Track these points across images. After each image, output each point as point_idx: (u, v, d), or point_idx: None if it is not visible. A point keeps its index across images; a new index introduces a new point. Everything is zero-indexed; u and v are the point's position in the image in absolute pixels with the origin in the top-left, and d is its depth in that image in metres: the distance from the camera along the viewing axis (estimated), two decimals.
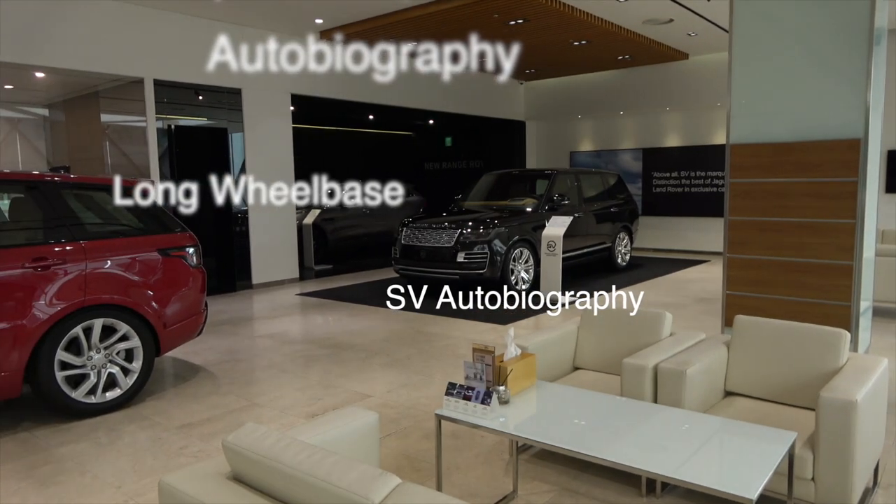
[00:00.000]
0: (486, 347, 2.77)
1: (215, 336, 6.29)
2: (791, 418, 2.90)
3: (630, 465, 2.21)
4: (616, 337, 3.54)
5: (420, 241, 7.97)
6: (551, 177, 8.90)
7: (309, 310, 7.61)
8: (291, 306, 7.85)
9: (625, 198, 10.32)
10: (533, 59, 11.42)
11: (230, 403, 4.38)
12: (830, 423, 2.54)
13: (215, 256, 9.06)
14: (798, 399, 3.03)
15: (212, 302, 8.09)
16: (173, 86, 8.06)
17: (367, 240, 12.34)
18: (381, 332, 6.32)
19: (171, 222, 4.79)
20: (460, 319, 6.81)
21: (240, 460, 1.82)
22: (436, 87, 11.61)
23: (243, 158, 8.83)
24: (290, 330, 6.61)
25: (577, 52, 10.69)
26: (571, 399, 2.86)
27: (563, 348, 3.62)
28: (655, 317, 3.46)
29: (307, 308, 7.72)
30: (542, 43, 9.97)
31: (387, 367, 5.16)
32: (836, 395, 2.56)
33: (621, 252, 9.99)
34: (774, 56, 4.42)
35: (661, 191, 12.35)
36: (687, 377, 2.88)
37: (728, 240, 4.68)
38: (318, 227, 11.16)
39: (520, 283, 7.91)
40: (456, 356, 5.41)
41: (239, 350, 5.78)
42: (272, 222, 9.13)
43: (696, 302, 7.54)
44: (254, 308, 7.86)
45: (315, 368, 5.17)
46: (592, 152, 13.28)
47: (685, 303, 7.51)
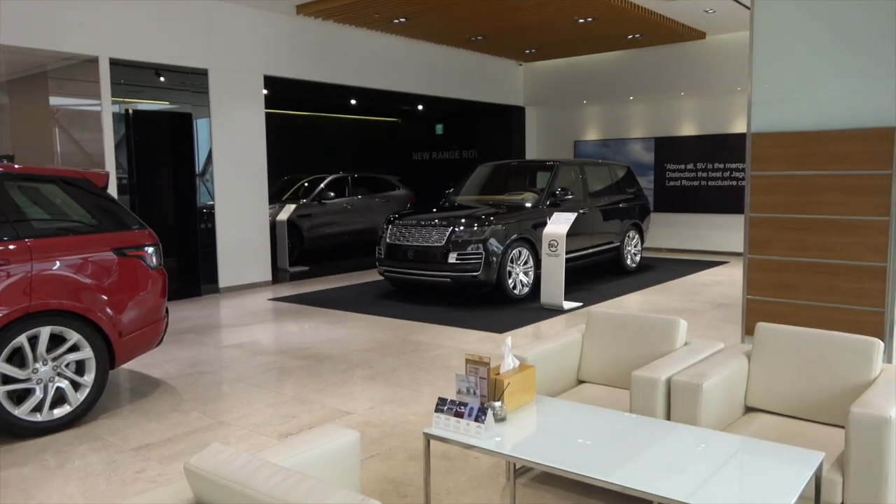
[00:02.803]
0: (481, 358, 2.77)
1: (177, 346, 6.26)
2: (818, 437, 2.91)
3: (640, 489, 2.21)
4: (625, 347, 3.54)
5: (407, 240, 7.97)
6: (553, 168, 8.93)
7: (283, 316, 7.58)
8: (263, 312, 7.82)
9: (635, 192, 10.36)
10: (533, 38, 11.44)
11: (193, 421, 4.36)
12: (862, 442, 2.55)
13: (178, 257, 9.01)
14: (826, 415, 3.05)
15: (174, 307, 8.05)
16: (131, 65, 8.01)
17: (348, 238, 12.32)
18: (363, 342, 6.31)
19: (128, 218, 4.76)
20: (452, 327, 6.80)
21: (204, 485, 1.80)
22: (425, 69, 11.61)
23: (209, 147, 8.79)
24: (261, 339, 6.59)
25: (582, 31, 10.72)
26: (575, 416, 2.86)
27: (565, 359, 3.62)
28: (668, 324, 3.47)
29: (281, 314, 7.70)
30: (543, 20, 9.99)
31: (369, 380, 5.15)
32: (867, 411, 2.57)
33: (631, 252, 10.03)
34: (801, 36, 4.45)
35: (674, 184, 12.41)
36: (703, 391, 2.89)
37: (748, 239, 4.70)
38: (294, 224, 11.13)
39: (518, 287, 7.93)
40: (447, 368, 5.41)
41: (204, 362, 5.76)
42: (242, 219, 9.10)
43: (714, 308, 7.58)
44: (221, 314, 7.82)
45: (289, 382, 5.15)
46: (599, 142, 13.32)
47: (701, 309, 7.54)
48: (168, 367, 5.60)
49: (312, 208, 11.63)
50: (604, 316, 3.70)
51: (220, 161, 8.86)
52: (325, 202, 11.78)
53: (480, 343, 6.19)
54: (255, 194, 9.25)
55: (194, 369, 5.52)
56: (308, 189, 11.98)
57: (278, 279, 9.94)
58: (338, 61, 10.19)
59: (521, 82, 13.71)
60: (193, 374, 5.38)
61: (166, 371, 5.48)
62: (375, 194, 12.86)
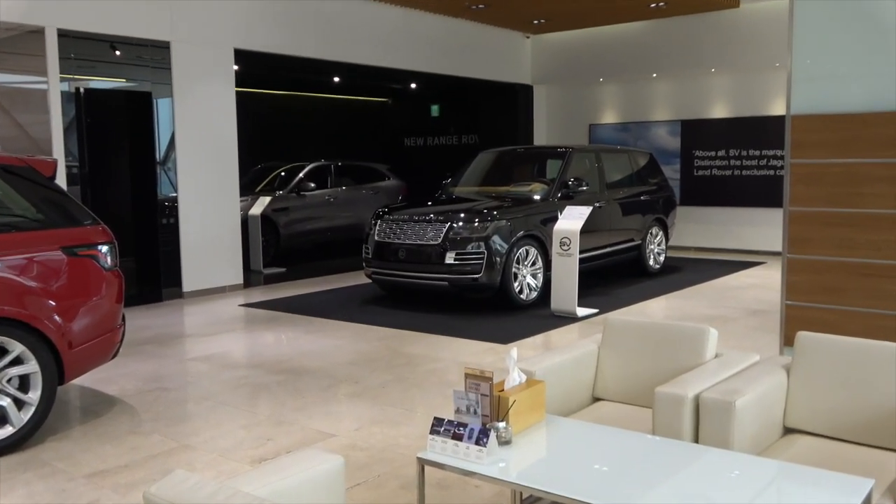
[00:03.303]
0: (482, 373, 2.77)
1: (136, 359, 6.25)
2: (867, 461, 2.91)
3: None
4: (647, 359, 3.54)
5: (398, 238, 7.97)
6: (566, 156, 8.94)
7: (256, 325, 7.57)
8: (234, 320, 7.81)
9: (658, 183, 10.36)
10: (542, 6, 11.43)
11: (154, 445, 4.35)
12: None
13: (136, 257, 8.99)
14: (876, 437, 3.05)
15: (131, 315, 8.03)
16: (82, 37, 7.99)
17: (331, 236, 12.32)
18: (348, 354, 6.31)
19: (79, 213, 4.75)
20: (449, 337, 6.80)
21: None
22: (419, 42, 11.61)
23: (172, 131, 8.78)
24: (231, 351, 6.58)
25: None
26: (590, 438, 2.85)
27: (579, 374, 3.62)
28: (697, 334, 3.47)
29: (254, 323, 7.69)
30: None
31: (355, 398, 5.15)
32: None
33: (654, 252, 10.05)
34: (848, 4, 4.44)
35: (703, 174, 12.43)
36: (736, 410, 2.89)
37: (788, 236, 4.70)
38: (269, 219, 11.13)
39: (525, 292, 7.93)
40: (443, 384, 5.41)
41: (166, 377, 5.75)
42: (209, 213, 9.09)
43: (748, 315, 7.59)
44: (185, 323, 7.80)
45: (264, 400, 5.15)
46: (618, 125, 13.33)
47: (734, 316, 7.56)
48: (125, 382, 5.59)
49: (290, 201, 11.63)
50: (623, 324, 3.70)
51: (185, 147, 8.84)
52: (305, 194, 11.78)
53: (482, 355, 6.19)
54: (224, 185, 9.24)
55: (155, 385, 5.52)
56: (285, 179, 11.97)
57: (251, 282, 9.92)
58: (319, 33, 10.18)
59: (528, 57, 13.72)
60: (154, 391, 5.37)
61: (123, 387, 5.47)
62: (362, 185, 12.86)
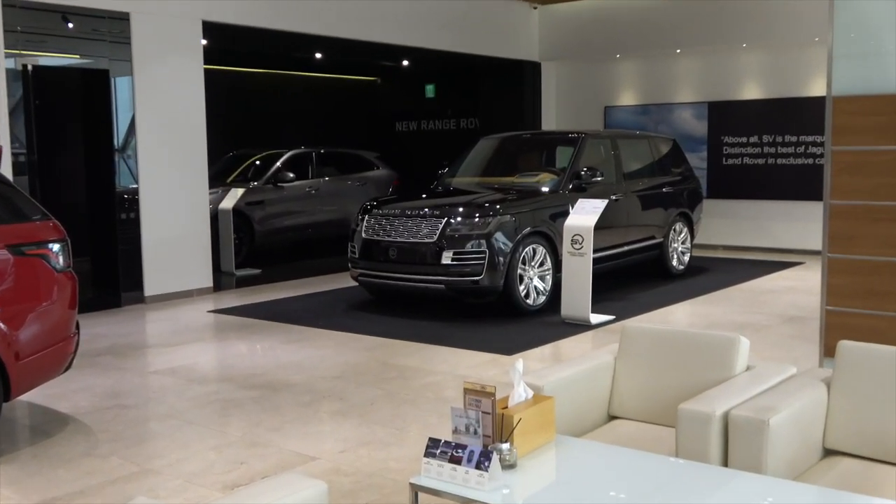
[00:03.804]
0: (484, 388, 2.77)
1: (91, 372, 6.24)
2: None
3: None
4: (669, 372, 3.55)
5: (389, 235, 7.97)
6: (577, 142, 8.94)
7: (227, 334, 7.57)
8: (202, 329, 7.80)
9: (682, 173, 10.37)
10: None
11: (113, 469, 4.35)
12: None
13: (91, 256, 8.98)
14: None
15: (86, 322, 8.02)
16: (30, 7, 7.98)
17: (313, 233, 12.30)
18: (332, 366, 6.31)
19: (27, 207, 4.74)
20: (446, 347, 6.80)
21: None
22: (412, 14, 11.61)
23: (132, 114, 8.77)
24: (199, 363, 6.57)
25: None
26: (606, 461, 2.86)
27: (593, 389, 3.62)
28: (726, 343, 3.48)
29: (225, 331, 7.68)
30: None
31: (340, 416, 5.15)
32: None
33: (677, 251, 10.06)
34: None
35: (734, 162, 12.44)
36: (770, 430, 2.90)
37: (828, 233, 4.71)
38: (242, 213, 11.12)
39: (532, 296, 7.94)
40: (440, 400, 5.41)
41: (126, 392, 5.75)
42: (174, 207, 9.08)
43: (784, 322, 7.61)
44: (148, 331, 7.79)
45: (236, 418, 5.15)
46: (637, 108, 13.34)
47: (768, 323, 7.57)
48: (80, 398, 5.58)
49: (266, 193, 11.62)
50: (642, 333, 3.70)
51: (147, 132, 8.83)
52: (283, 186, 11.76)
53: (483, 368, 6.19)
54: (191, 175, 9.24)
55: (113, 402, 5.51)
56: (260, 169, 11.96)
57: (222, 286, 9.91)
58: (298, 3, 10.17)
59: (535, 30, 13.72)
60: (112, 409, 5.36)
61: (77, 404, 5.46)
62: (347, 175, 12.85)
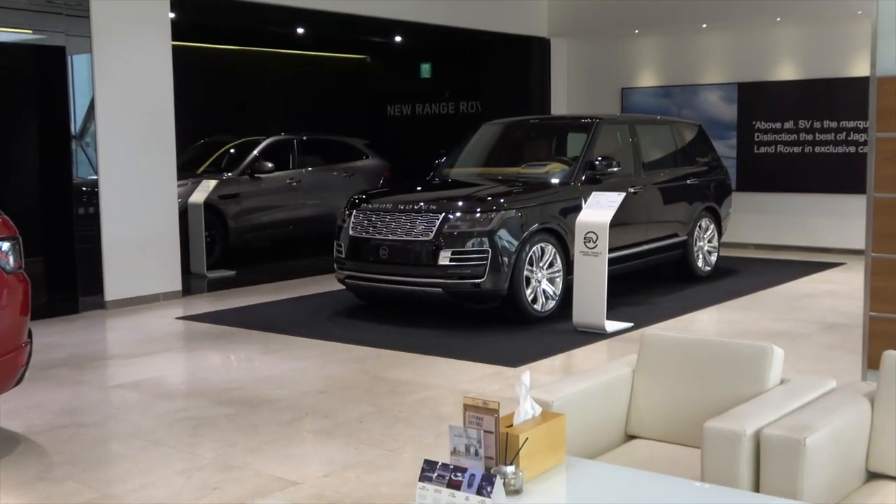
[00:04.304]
0: (486, 404, 2.77)
1: (46, 386, 6.23)
2: None
3: None
4: (694, 386, 3.55)
5: (380, 233, 7.97)
6: (591, 128, 8.94)
7: (198, 343, 7.56)
8: (170, 337, 7.79)
9: (709, 163, 10.37)
10: None
11: (69, 495, 4.34)
12: None
13: (46, 256, 8.97)
14: None
15: (40, 330, 8.00)
16: None
17: (294, 229, 12.29)
18: (315, 380, 6.31)
19: None
20: (444, 358, 6.79)
21: None
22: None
23: (91, 96, 8.75)
24: (166, 376, 6.56)
25: None
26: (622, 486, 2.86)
27: (609, 405, 3.62)
28: (757, 354, 3.48)
29: (195, 340, 7.67)
30: None
31: (325, 435, 5.15)
32: None
33: (703, 250, 10.06)
34: None
35: (766, 151, 12.44)
36: (807, 451, 2.91)
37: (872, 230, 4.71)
38: (215, 208, 11.11)
39: (540, 301, 7.95)
40: (437, 418, 5.41)
41: (84, 409, 5.74)
42: (139, 201, 9.07)
43: (823, 330, 7.61)
44: (109, 340, 7.78)
45: (208, 438, 5.14)
46: (658, 89, 13.34)
47: (805, 331, 7.57)
48: (32, 416, 5.57)
49: (241, 186, 11.61)
50: (664, 342, 3.70)
51: (108, 117, 8.82)
52: (260, 177, 11.75)
53: (485, 381, 6.19)
54: (158, 165, 9.23)
55: (70, 420, 5.50)
56: (235, 158, 11.95)
57: (192, 289, 9.91)
58: None
59: (544, 3, 13.70)
60: (69, 427, 5.35)
61: (30, 422, 5.45)
62: (333, 165, 12.85)
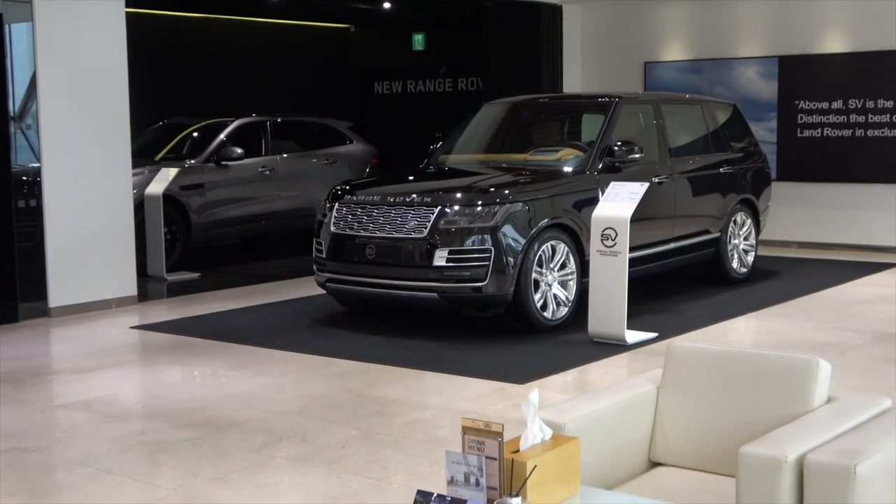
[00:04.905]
0: (488, 426, 2.77)
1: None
2: None
3: None
4: (728, 405, 3.54)
5: (366, 229, 7.95)
6: (610, 109, 8.93)
7: (157, 356, 7.53)
8: (124, 350, 7.76)
9: (746, 148, 10.37)
10: None
11: None
12: None
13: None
14: None
15: None
16: None
17: (267, 225, 12.28)
18: (291, 399, 6.29)
19: None
20: (440, 374, 6.78)
21: None
22: None
23: (33, 70, 8.73)
24: (120, 394, 6.53)
25: None
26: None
27: (630, 427, 3.61)
28: (801, 368, 3.47)
29: (153, 353, 7.64)
30: None
31: (302, 463, 5.13)
32: None
33: (739, 248, 10.05)
34: None
35: (812, 134, 12.43)
36: (857, 479, 2.90)
37: None
38: (176, 200, 11.09)
39: (551, 307, 7.93)
40: (431, 442, 5.39)
41: (25, 431, 5.71)
42: (88, 192, 9.05)
43: (877, 341, 7.59)
44: (53, 353, 7.75)
45: (168, 467, 5.12)
46: (687, 64, 13.32)
47: (856, 342, 7.56)
48: None
49: (206, 175, 11.58)
50: (693, 355, 3.69)
51: (52, 95, 8.79)
52: (228, 164, 11.73)
53: (488, 400, 6.17)
54: (110, 151, 9.21)
55: (10, 444, 5.47)
56: (199, 142, 11.94)
57: (149, 294, 9.88)
58: None
59: None
60: (8, 453, 5.33)
61: None
62: (312, 151, 12.84)
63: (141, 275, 9.82)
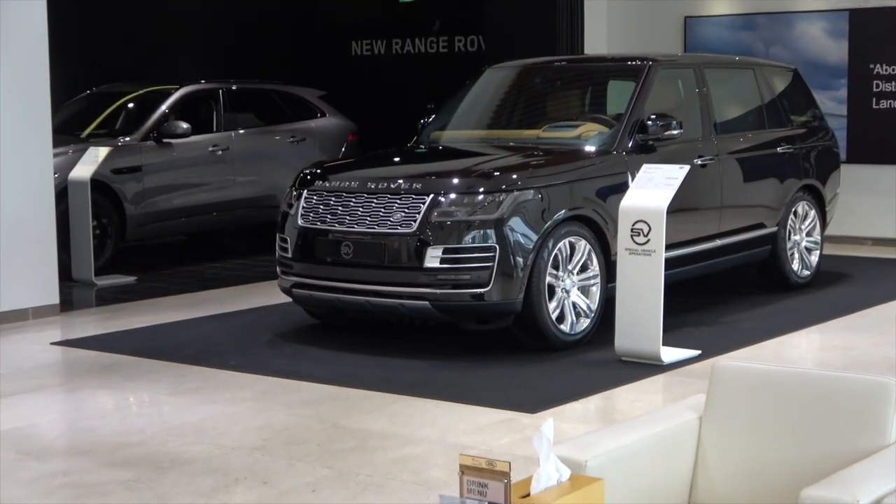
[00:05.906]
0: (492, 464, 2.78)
1: None
2: None
3: None
4: (786, 438, 3.56)
5: (341, 223, 7.97)
6: (642, 74, 8.95)
7: (84, 379, 7.54)
8: (43, 371, 7.78)
9: (809, 123, 10.39)
10: None
11: None
12: None
13: None
14: None
15: None
16: None
17: (220, 217, 12.28)
18: (249, 431, 6.30)
19: None
20: (433, 401, 6.80)
21: None
22: None
23: None
24: (39, 426, 6.54)
25: None
26: None
27: (666, 465, 3.63)
28: (876, 392, 3.48)
29: (79, 375, 7.66)
30: None
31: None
32: None
33: (801, 246, 10.07)
34: None
35: (890, 106, 12.43)
36: None
37: None
38: (107, 187, 11.09)
39: (569, 318, 7.95)
40: (421, 484, 5.41)
41: None
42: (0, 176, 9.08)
43: None
44: None
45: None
46: (736, 19, 13.34)
47: None
48: None
49: (145, 155, 11.58)
50: (744, 377, 3.71)
51: None
52: (172, 142, 11.73)
53: (491, 433, 6.19)
54: (25, 125, 9.22)
55: None
56: (136, 115, 11.94)
57: (74, 302, 9.90)
58: None
59: None
60: None
61: None
62: (275, 126, 12.84)
63: (64, 279, 9.82)
